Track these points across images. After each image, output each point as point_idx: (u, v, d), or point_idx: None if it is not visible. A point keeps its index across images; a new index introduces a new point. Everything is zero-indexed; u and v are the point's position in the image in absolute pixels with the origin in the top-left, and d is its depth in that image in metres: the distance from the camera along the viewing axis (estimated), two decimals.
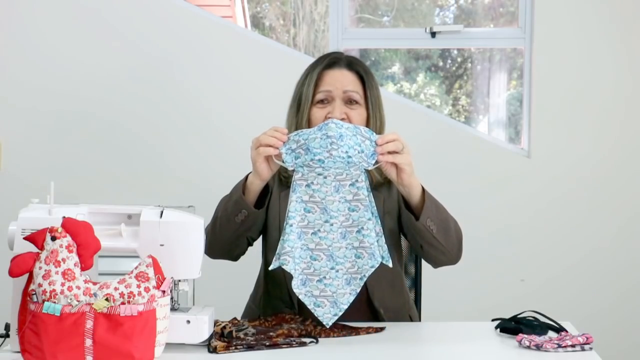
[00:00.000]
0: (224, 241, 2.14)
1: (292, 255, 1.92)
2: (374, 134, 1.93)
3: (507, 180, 3.43)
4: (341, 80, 2.16)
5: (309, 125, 2.15)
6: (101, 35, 3.38)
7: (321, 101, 2.16)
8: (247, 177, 2.08)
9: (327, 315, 1.91)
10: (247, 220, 2.08)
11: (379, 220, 1.95)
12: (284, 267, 1.91)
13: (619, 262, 3.43)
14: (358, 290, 1.93)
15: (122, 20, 3.38)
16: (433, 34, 3.54)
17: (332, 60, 2.19)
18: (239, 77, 3.41)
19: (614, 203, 3.43)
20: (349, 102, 2.16)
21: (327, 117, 2.12)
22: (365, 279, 1.93)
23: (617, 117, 3.43)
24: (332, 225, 1.92)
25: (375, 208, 1.95)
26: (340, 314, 1.92)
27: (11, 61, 3.38)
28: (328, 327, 1.92)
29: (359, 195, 1.92)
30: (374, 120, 2.18)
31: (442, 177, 3.38)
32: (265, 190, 2.10)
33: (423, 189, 2.03)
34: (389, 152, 1.92)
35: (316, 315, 1.92)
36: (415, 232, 2.05)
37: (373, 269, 1.91)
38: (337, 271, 1.93)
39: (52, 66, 3.37)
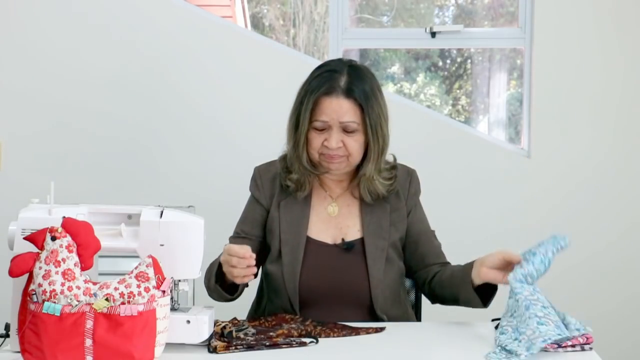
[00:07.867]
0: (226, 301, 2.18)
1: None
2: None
3: (507, 180, 3.43)
4: (337, 111, 2.10)
5: (307, 145, 2.14)
6: (101, 36, 3.38)
7: (318, 127, 2.14)
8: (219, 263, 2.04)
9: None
10: (233, 297, 2.13)
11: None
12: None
13: (619, 262, 3.43)
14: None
15: (122, 21, 3.38)
16: (433, 34, 3.54)
17: (329, 89, 2.11)
18: (239, 77, 3.41)
19: (614, 203, 3.43)
20: (346, 130, 2.12)
21: (324, 145, 2.12)
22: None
23: (617, 117, 3.43)
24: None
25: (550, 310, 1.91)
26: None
27: (11, 62, 3.38)
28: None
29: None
30: (374, 144, 2.14)
31: (442, 177, 3.39)
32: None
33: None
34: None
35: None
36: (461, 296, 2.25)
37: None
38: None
39: (52, 66, 3.37)
